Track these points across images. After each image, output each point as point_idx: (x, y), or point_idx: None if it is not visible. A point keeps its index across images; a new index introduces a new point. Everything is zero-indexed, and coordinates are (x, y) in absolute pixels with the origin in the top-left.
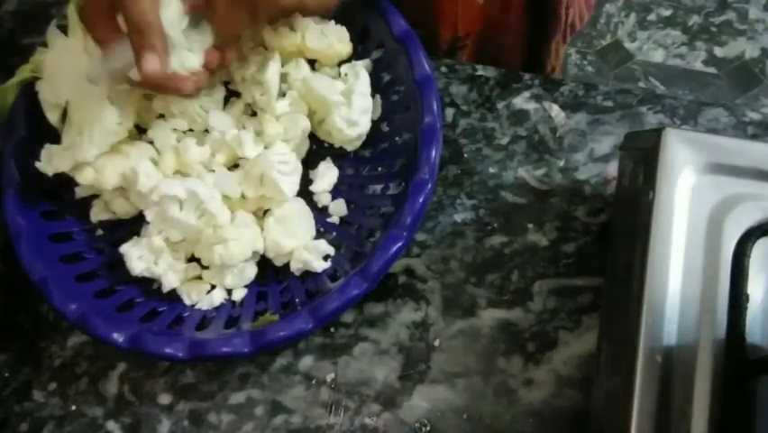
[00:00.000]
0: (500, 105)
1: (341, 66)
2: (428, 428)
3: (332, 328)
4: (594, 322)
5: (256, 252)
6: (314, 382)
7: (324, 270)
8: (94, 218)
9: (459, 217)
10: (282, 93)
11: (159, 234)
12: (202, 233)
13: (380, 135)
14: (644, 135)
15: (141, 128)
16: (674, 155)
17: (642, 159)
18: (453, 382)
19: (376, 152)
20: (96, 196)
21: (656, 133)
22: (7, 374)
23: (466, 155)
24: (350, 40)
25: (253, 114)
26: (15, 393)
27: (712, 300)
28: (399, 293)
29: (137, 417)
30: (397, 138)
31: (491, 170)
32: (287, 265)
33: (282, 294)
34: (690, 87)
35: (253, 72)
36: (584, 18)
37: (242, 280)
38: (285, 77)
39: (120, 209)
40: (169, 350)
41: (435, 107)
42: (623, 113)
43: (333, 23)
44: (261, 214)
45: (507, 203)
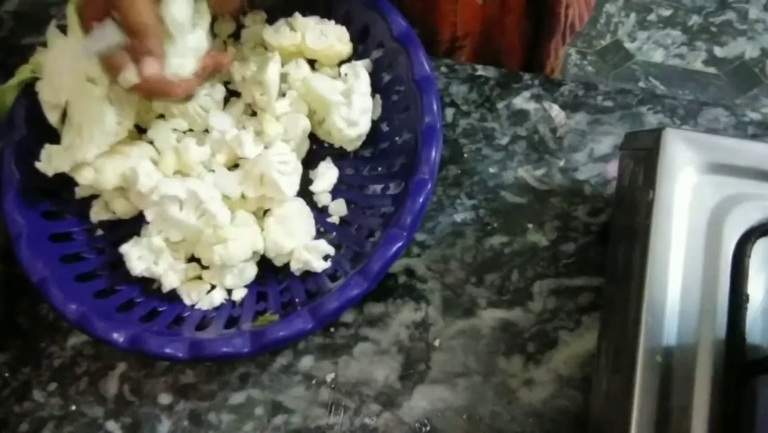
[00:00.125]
0: (500, 105)
1: (341, 66)
2: (428, 428)
3: (332, 328)
4: (594, 322)
5: (256, 252)
6: (314, 382)
7: (324, 270)
8: (94, 218)
9: (459, 217)
10: (282, 93)
11: (159, 234)
12: (202, 233)
13: (380, 135)
14: (644, 135)
15: (141, 128)
16: (674, 155)
17: (642, 159)
18: (453, 382)
19: (376, 151)
20: (96, 196)
21: (656, 133)
22: (7, 374)
23: (466, 155)
24: (350, 40)
25: (253, 114)
26: (15, 393)
27: (712, 300)
28: (399, 293)
29: (137, 417)
30: (397, 138)
31: (491, 170)
32: (287, 265)
33: (282, 294)
34: (690, 87)
35: (253, 72)
36: (584, 18)
37: (242, 281)
38: (285, 77)
39: (120, 209)
40: (169, 350)
41: (435, 107)
42: (623, 113)
43: (333, 22)
44: (261, 214)
45: (507, 203)
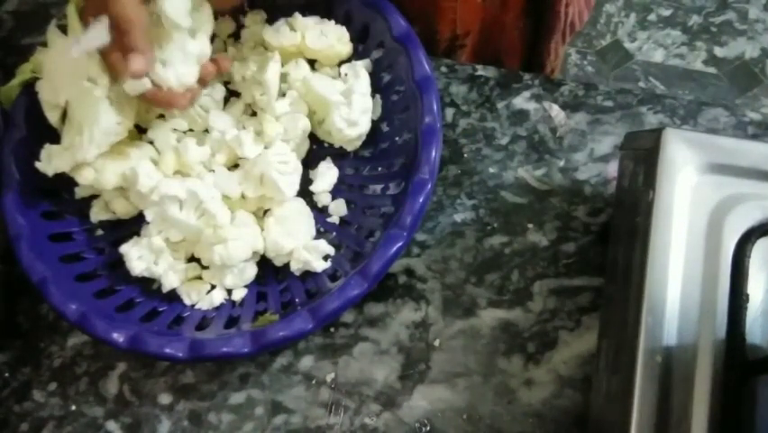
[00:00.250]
0: (500, 105)
1: (341, 66)
2: (428, 428)
3: (332, 328)
4: (594, 322)
5: (256, 252)
6: (314, 382)
7: (324, 270)
8: (94, 218)
9: (459, 217)
10: (282, 93)
11: (159, 234)
12: (202, 233)
13: (380, 135)
14: (644, 135)
15: (141, 128)
16: (674, 155)
17: (642, 159)
18: (453, 382)
19: (376, 152)
20: (96, 196)
21: (656, 133)
22: (7, 374)
23: (466, 155)
24: (350, 40)
25: (253, 114)
26: (15, 393)
27: (712, 301)
28: (399, 293)
29: (137, 417)
30: (397, 138)
31: (491, 170)
32: (287, 265)
33: (282, 294)
34: (690, 87)
35: (253, 72)
36: (584, 17)
37: (242, 281)
38: (285, 77)
39: (120, 209)
40: (169, 350)
41: (435, 107)
42: (623, 113)
43: (333, 23)
44: (261, 214)
45: (507, 203)
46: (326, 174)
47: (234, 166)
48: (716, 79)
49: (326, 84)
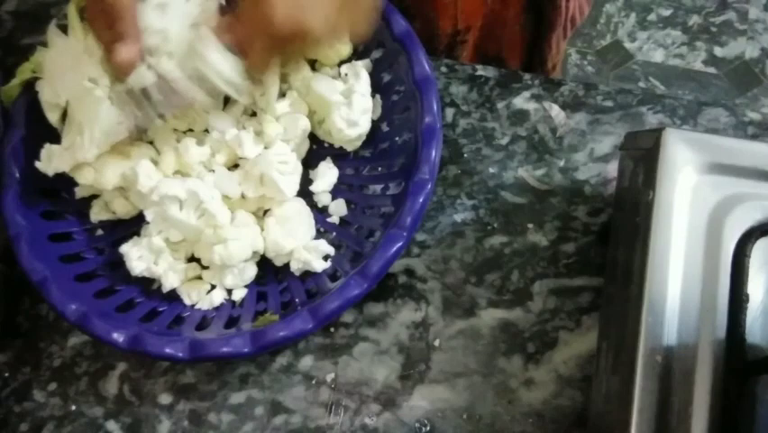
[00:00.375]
0: (500, 105)
1: (341, 66)
2: (428, 428)
3: (332, 328)
4: (594, 322)
5: (256, 252)
6: (314, 382)
7: (324, 270)
8: (94, 218)
9: (459, 217)
10: (282, 93)
11: (159, 234)
12: (202, 233)
13: (380, 135)
14: (644, 135)
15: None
16: (674, 155)
17: (642, 159)
18: (453, 382)
19: (376, 152)
20: (96, 196)
21: (656, 133)
22: (7, 374)
23: (466, 155)
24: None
25: (253, 114)
26: (15, 393)
27: (712, 300)
28: (399, 293)
29: (137, 417)
30: (397, 138)
31: (491, 170)
32: (287, 265)
33: (282, 294)
34: (690, 87)
35: None
36: (584, 11)
37: (242, 281)
38: (285, 77)
39: (120, 209)
40: (169, 350)
41: (435, 107)
42: (623, 113)
43: None
44: (261, 214)
45: (507, 203)
46: (326, 174)
47: (234, 166)
48: (716, 79)
49: (326, 84)
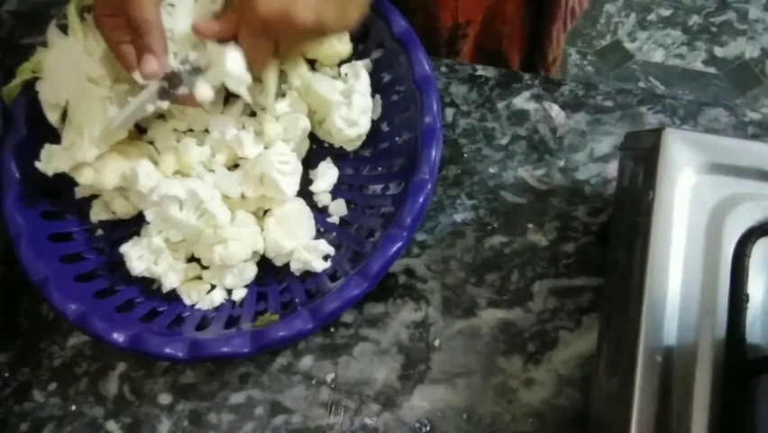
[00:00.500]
0: (500, 105)
1: (341, 66)
2: (428, 428)
3: (332, 328)
4: (594, 322)
5: (256, 252)
6: (314, 382)
7: (324, 270)
8: (94, 218)
9: (459, 217)
10: (282, 93)
11: (159, 234)
12: (202, 233)
13: (380, 135)
14: (644, 135)
15: (141, 128)
16: (674, 155)
17: (642, 159)
18: (453, 382)
19: (376, 152)
20: (96, 196)
21: (656, 133)
22: (7, 374)
23: (466, 155)
24: (350, 40)
25: (253, 114)
26: (15, 393)
27: (712, 300)
28: (399, 293)
29: (137, 417)
30: (397, 138)
31: (491, 170)
32: (287, 265)
33: (282, 294)
34: (690, 87)
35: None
36: (583, 3)
37: (242, 281)
38: (285, 76)
39: (120, 209)
40: (169, 350)
41: (435, 107)
42: (623, 113)
43: None
44: (261, 214)
45: (507, 203)
46: (326, 174)
47: (234, 166)
48: (716, 79)
49: (326, 84)
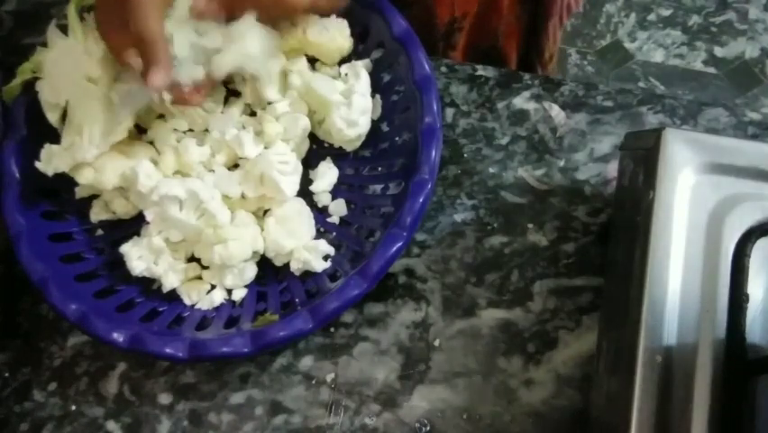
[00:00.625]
0: (500, 105)
1: (341, 66)
2: (428, 428)
3: (332, 328)
4: (594, 322)
5: (256, 252)
6: (314, 382)
7: (324, 270)
8: (94, 218)
9: (459, 217)
10: (282, 93)
11: (159, 234)
12: (202, 233)
13: (380, 135)
14: (644, 135)
15: (141, 128)
16: (674, 155)
17: (642, 159)
18: (453, 382)
19: (376, 152)
20: (96, 196)
21: (656, 133)
22: (7, 374)
23: (466, 155)
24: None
25: (253, 114)
26: (15, 393)
27: (712, 300)
28: (399, 293)
29: (137, 417)
30: (397, 138)
31: (491, 170)
32: (287, 265)
33: (282, 294)
34: (690, 87)
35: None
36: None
37: (242, 281)
38: (285, 77)
39: (120, 209)
40: (169, 350)
41: (435, 107)
42: (623, 113)
43: (333, 16)
44: (261, 214)
45: (507, 203)
46: (326, 174)
47: (234, 166)
48: (716, 79)
49: (326, 84)
